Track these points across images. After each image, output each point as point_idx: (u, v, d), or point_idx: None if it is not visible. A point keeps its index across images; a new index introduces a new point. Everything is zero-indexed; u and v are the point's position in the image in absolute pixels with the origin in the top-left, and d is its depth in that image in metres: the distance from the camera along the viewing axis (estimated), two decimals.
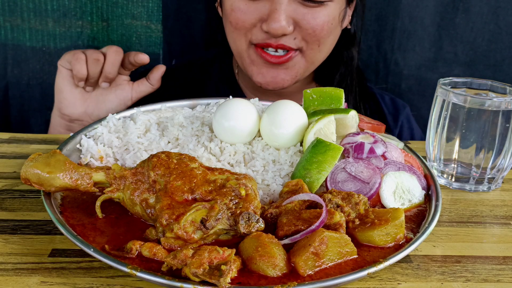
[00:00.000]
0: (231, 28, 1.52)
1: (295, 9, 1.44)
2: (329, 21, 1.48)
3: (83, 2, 1.77)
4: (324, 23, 1.47)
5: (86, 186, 0.95)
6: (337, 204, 0.93)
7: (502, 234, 1.04)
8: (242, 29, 1.49)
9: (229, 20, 1.51)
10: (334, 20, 1.50)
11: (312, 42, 1.49)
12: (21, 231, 0.96)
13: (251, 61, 1.55)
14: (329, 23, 1.48)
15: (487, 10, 1.87)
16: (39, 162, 0.95)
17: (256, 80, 1.56)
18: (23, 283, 0.83)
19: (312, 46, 1.50)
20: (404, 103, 1.85)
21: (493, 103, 1.14)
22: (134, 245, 0.84)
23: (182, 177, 0.92)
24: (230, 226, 0.87)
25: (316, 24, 1.46)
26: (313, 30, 1.46)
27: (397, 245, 0.91)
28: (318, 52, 1.53)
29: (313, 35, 1.47)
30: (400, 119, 1.81)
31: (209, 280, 0.76)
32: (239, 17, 1.48)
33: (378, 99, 1.81)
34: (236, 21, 1.49)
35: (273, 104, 1.14)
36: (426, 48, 1.94)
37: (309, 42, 1.49)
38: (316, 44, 1.50)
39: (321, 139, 1.03)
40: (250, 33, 1.50)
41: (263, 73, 1.54)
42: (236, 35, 1.53)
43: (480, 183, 1.20)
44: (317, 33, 1.47)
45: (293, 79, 1.56)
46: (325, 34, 1.49)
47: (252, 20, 1.47)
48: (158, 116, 1.25)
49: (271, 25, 1.42)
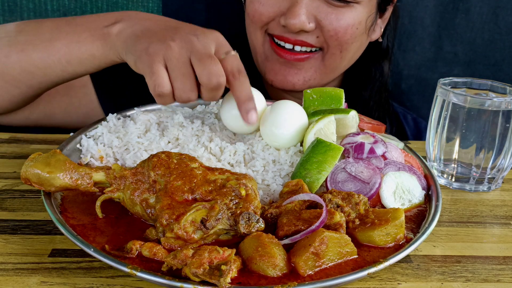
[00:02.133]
0: (248, 21, 1.47)
1: (318, 7, 1.37)
2: (354, 25, 1.40)
3: (83, 2, 1.78)
4: (348, 26, 1.39)
5: (86, 186, 0.95)
6: (337, 204, 0.93)
7: (502, 234, 1.04)
8: (258, 22, 1.44)
9: (247, 12, 1.46)
10: (360, 25, 1.41)
11: (334, 46, 1.41)
12: (21, 231, 0.96)
13: (265, 56, 1.49)
14: (354, 28, 1.40)
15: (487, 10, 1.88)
16: (39, 162, 0.94)
17: (268, 77, 1.50)
18: (23, 283, 0.83)
19: (334, 50, 1.42)
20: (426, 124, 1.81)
21: (493, 103, 1.14)
22: (134, 245, 0.84)
23: (182, 177, 0.92)
24: (230, 226, 0.87)
25: (339, 26, 1.38)
26: (336, 32, 1.38)
27: (397, 245, 0.91)
28: (339, 58, 1.45)
29: (335, 38, 1.39)
30: None
31: (209, 280, 0.76)
32: (257, 9, 1.42)
33: (401, 119, 1.76)
34: (253, 13, 1.43)
35: (274, 104, 1.14)
36: (426, 48, 1.94)
37: (331, 46, 1.41)
38: (338, 49, 1.42)
39: (321, 139, 1.03)
40: (267, 26, 1.44)
41: (275, 70, 1.48)
42: (252, 29, 1.47)
43: (480, 183, 1.20)
44: (340, 36, 1.39)
45: (306, 82, 1.48)
46: (348, 38, 1.41)
47: (270, 13, 1.41)
48: (158, 116, 1.25)
49: (289, 19, 1.35)
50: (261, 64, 1.51)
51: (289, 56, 1.44)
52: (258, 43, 1.48)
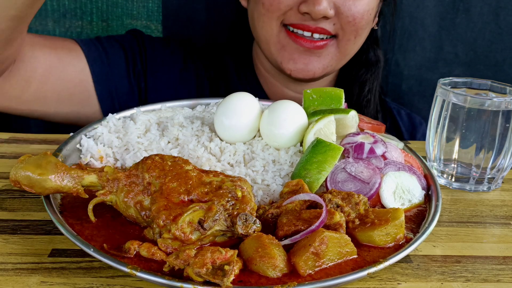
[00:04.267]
0: (263, 11, 1.45)
1: None
2: (369, 10, 1.44)
3: (83, 2, 1.78)
4: (365, 12, 1.43)
5: (78, 189, 0.94)
6: (337, 204, 0.93)
7: (502, 234, 1.04)
8: (276, 11, 1.43)
9: (261, 2, 1.44)
10: (372, 11, 1.46)
11: (350, 32, 1.45)
12: (21, 231, 0.96)
13: (281, 46, 1.48)
14: (369, 13, 1.44)
15: (488, 10, 1.87)
16: (30, 164, 0.92)
17: (287, 66, 1.49)
18: (23, 283, 0.83)
19: (349, 36, 1.46)
20: (421, 120, 1.82)
21: (493, 103, 1.14)
22: (132, 245, 0.84)
23: (177, 178, 0.92)
24: (227, 227, 0.87)
25: (357, 12, 1.42)
26: (353, 18, 1.42)
27: (397, 245, 0.91)
28: (353, 44, 1.48)
29: (353, 23, 1.43)
30: (418, 137, 1.78)
31: (213, 280, 0.76)
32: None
33: (395, 114, 1.78)
34: (271, 2, 1.42)
35: (273, 104, 1.14)
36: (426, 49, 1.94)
37: (347, 32, 1.44)
38: (353, 34, 1.45)
39: (321, 139, 1.03)
40: (284, 16, 1.43)
41: (295, 58, 1.48)
42: (267, 18, 1.46)
43: (480, 183, 1.20)
44: (357, 21, 1.43)
45: (325, 69, 1.50)
46: (364, 24, 1.45)
47: (289, 2, 1.41)
48: (158, 116, 1.25)
49: (313, 6, 1.36)
50: (277, 53, 1.50)
51: (309, 44, 1.45)
52: (273, 33, 1.48)
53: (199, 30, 1.91)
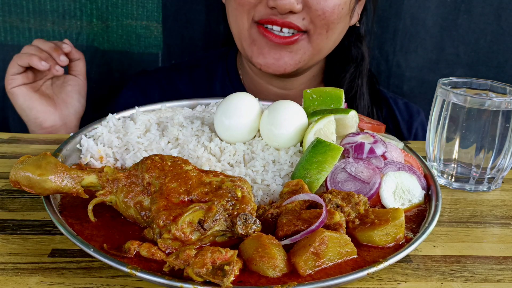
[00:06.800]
0: (234, 5, 1.46)
1: None
2: (340, 5, 1.43)
3: (83, 2, 1.77)
4: (335, 6, 1.42)
5: (78, 190, 0.94)
6: (337, 204, 0.93)
7: (502, 234, 1.04)
8: (246, 4, 1.43)
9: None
10: (345, 5, 1.45)
11: (321, 26, 1.44)
12: (21, 231, 0.96)
13: (252, 41, 1.48)
14: (340, 7, 1.43)
15: (489, 11, 1.86)
16: (30, 165, 0.92)
17: (256, 61, 1.49)
18: (23, 283, 0.83)
19: (320, 30, 1.45)
20: (419, 108, 1.80)
21: (493, 103, 1.14)
22: (132, 245, 0.84)
23: (177, 178, 0.92)
24: (227, 227, 0.87)
25: (326, 6, 1.41)
26: (323, 12, 1.41)
27: (397, 245, 0.91)
28: (325, 38, 1.47)
29: (323, 18, 1.42)
30: (415, 126, 1.76)
31: (213, 280, 0.76)
32: None
33: (391, 104, 1.77)
34: None
35: (273, 104, 1.14)
36: (428, 50, 1.93)
37: (318, 26, 1.44)
38: (325, 28, 1.44)
39: (321, 139, 1.03)
40: (254, 10, 1.44)
41: (264, 53, 1.47)
42: (238, 12, 1.46)
43: (480, 183, 1.20)
44: (327, 15, 1.42)
45: (296, 65, 1.49)
46: (335, 18, 1.43)
47: None
48: (158, 116, 1.25)
49: (280, 0, 1.37)
50: (247, 48, 1.51)
51: (278, 39, 1.44)
52: (244, 28, 1.48)
53: (198, 30, 1.91)
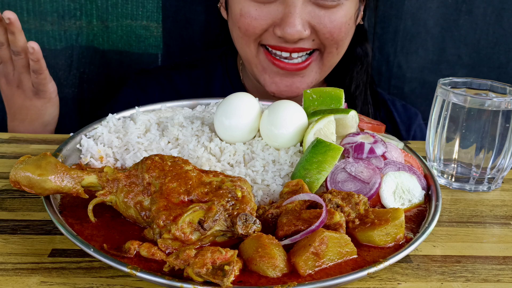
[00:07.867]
0: (240, 34, 1.44)
1: (311, 12, 1.37)
2: (346, 21, 1.41)
3: (82, 3, 1.77)
4: (342, 25, 1.40)
5: (78, 190, 0.94)
6: (337, 204, 0.93)
7: (502, 234, 1.04)
8: (252, 35, 1.41)
9: (237, 26, 1.42)
10: (351, 20, 1.43)
11: (330, 45, 1.42)
12: (21, 231, 0.96)
13: (262, 68, 1.47)
14: (347, 24, 1.41)
15: (491, 11, 1.86)
16: (30, 165, 0.92)
17: (269, 89, 1.48)
18: (23, 283, 0.83)
19: (330, 49, 1.43)
20: (417, 111, 1.80)
21: (493, 103, 1.14)
22: (132, 245, 0.84)
23: (177, 179, 0.92)
24: (227, 227, 0.87)
25: (333, 27, 1.39)
26: (331, 34, 1.39)
27: (397, 245, 0.91)
28: (336, 55, 1.47)
29: (331, 39, 1.40)
30: (413, 128, 1.76)
31: (213, 280, 0.76)
32: (250, 23, 1.39)
33: (389, 106, 1.76)
34: (246, 27, 1.40)
35: (273, 104, 1.14)
36: (429, 51, 1.92)
37: (327, 46, 1.42)
38: (335, 47, 1.43)
39: (321, 139, 1.03)
40: (260, 38, 1.42)
41: (277, 82, 1.46)
42: (244, 41, 1.44)
43: (480, 183, 1.20)
44: (335, 36, 1.40)
45: (309, 86, 1.48)
46: (343, 36, 1.42)
47: (263, 26, 1.39)
48: (158, 116, 1.25)
49: (286, 30, 1.34)
50: (258, 74, 1.49)
51: (289, 66, 1.43)
52: (252, 55, 1.46)
53: (198, 31, 1.90)
